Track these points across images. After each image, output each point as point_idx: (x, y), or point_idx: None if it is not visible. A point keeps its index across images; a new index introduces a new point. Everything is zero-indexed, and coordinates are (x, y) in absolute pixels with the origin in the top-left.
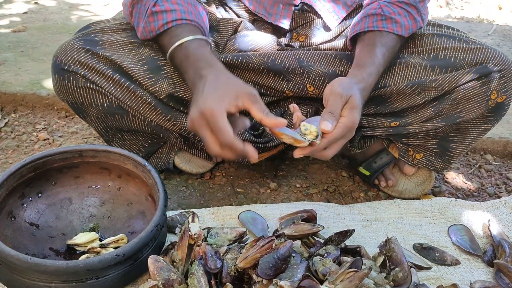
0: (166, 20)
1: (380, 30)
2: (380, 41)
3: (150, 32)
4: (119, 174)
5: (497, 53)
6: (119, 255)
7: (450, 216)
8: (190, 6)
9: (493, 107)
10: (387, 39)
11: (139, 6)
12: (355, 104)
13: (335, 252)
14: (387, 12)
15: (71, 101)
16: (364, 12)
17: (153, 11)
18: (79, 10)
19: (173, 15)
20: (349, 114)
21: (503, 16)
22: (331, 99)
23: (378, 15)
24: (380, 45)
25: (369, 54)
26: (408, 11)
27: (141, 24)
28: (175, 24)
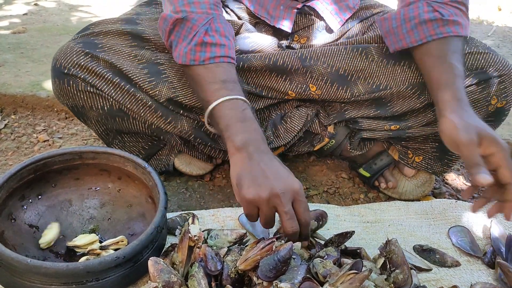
0: (215, 54)
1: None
2: (449, 48)
3: (192, 60)
4: (119, 176)
5: (498, 58)
6: (119, 257)
7: (451, 218)
8: (232, 39)
9: (492, 112)
10: (454, 43)
11: (183, 26)
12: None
13: (335, 254)
14: (446, 15)
15: (71, 104)
16: (415, 16)
17: (204, 42)
18: (79, 11)
19: (222, 51)
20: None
21: (503, 17)
22: (465, 151)
23: (438, 20)
24: (452, 52)
25: (446, 68)
26: (461, 10)
27: (181, 46)
28: (222, 61)
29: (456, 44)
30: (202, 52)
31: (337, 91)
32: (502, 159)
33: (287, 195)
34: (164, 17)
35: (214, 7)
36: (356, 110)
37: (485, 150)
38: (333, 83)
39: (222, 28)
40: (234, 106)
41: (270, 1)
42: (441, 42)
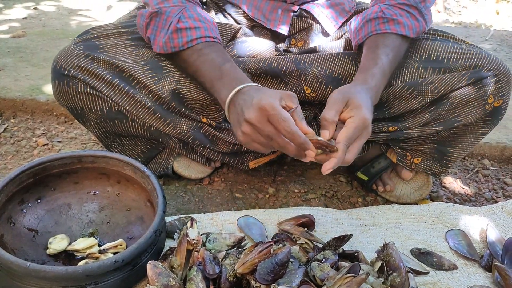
0: (191, 37)
1: (383, 33)
2: (383, 42)
3: (172, 47)
4: (118, 179)
5: (492, 58)
6: (118, 260)
7: (448, 221)
8: (209, 22)
9: (490, 111)
10: (390, 39)
11: (158, 19)
12: (358, 104)
13: (333, 257)
14: (389, 15)
15: (71, 106)
16: (365, 16)
17: (178, 28)
18: (78, 15)
19: (197, 33)
20: (356, 113)
21: (501, 21)
22: (327, 106)
23: (379, 18)
24: (383, 46)
25: (371, 56)
26: (409, 12)
27: (159, 37)
28: (200, 42)
29: (391, 41)
30: (179, 38)
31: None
32: (352, 122)
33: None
34: (141, 13)
35: (186, 0)
36: None
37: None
38: (327, 85)
39: (196, 14)
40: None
41: (267, 5)
42: (377, 36)
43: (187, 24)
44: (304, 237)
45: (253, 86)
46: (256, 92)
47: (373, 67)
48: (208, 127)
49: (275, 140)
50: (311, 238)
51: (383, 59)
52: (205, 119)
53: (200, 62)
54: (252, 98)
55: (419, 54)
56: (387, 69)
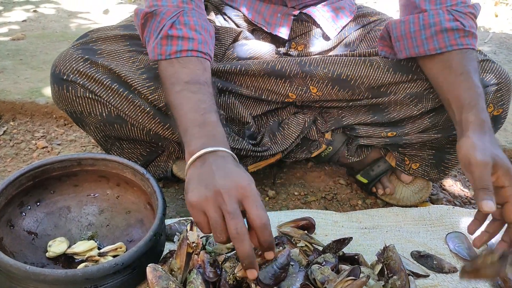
0: (181, 47)
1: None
2: (471, 65)
3: (159, 54)
4: (117, 182)
5: (495, 65)
6: (118, 263)
7: (448, 224)
8: (206, 33)
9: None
10: (473, 58)
11: (153, 21)
12: (507, 165)
13: (333, 260)
14: (467, 26)
15: (70, 110)
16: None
17: (169, 34)
18: (78, 18)
19: (189, 44)
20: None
21: (500, 24)
22: (476, 172)
23: (460, 30)
24: (474, 70)
25: (469, 86)
26: (476, 23)
27: (152, 41)
28: (190, 55)
29: (475, 59)
30: (168, 46)
31: (338, 92)
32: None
33: (232, 192)
34: (136, 12)
35: (189, 1)
36: (353, 117)
37: (497, 180)
38: (334, 86)
39: (193, 22)
40: (194, 109)
41: (267, 9)
42: (461, 55)
43: (180, 32)
44: (304, 240)
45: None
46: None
47: (479, 100)
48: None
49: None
50: (311, 241)
51: (480, 87)
52: None
53: (183, 98)
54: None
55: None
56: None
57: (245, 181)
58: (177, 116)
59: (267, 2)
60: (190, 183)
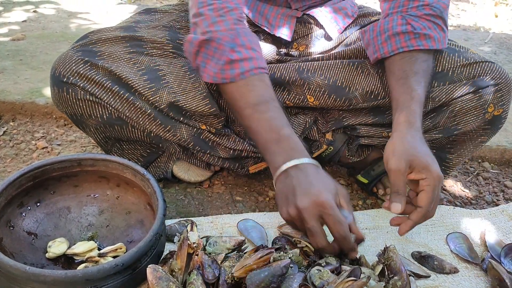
0: (244, 69)
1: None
2: (412, 69)
3: (223, 78)
4: (118, 183)
5: (494, 66)
6: (118, 264)
7: (449, 224)
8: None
9: (489, 120)
10: (418, 63)
11: (209, 46)
12: (424, 163)
13: (335, 263)
14: (419, 29)
15: (70, 113)
16: (389, 28)
17: (231, 60)
18: (78, 18)
19: (250, 64)
20: (428, 174)
21: (500, 24)
22: (392, 176)
23: (410, 33)
24: (413, 74)
25: (404, 89)
26: (436, 23)
27: (209, 66)
28: (253, 74)
29: (422, 62)
30: (231, 70)
31: (335, 101)
32: (428, 185)
33: (310, 210)
34: (190, 40)
35: (238, 22)
36: (354, 118)
37: (415, 175)
38: (330, 94)
39: (247, 41)
40: (268, 128)
41: (270, 10)
42: (404, 60)
43: (241, 55)
44: (304, 240)
45: (311, 165)
46: (314, 177)
47: (411, 103)
48: (208, 133)
49: (315, 236)
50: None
51: (418, 90)
52: (204, 126)
53: (256, 120)
54: (309, 184)
55: None
56: (423, 99)
57: (323, 196)
58: (255, 138)
59: (271, 4)
60: (278, 199)
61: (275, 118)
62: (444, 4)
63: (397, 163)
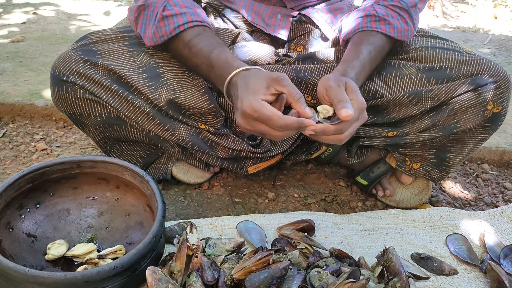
0: (178, 23)
1: (373, 30)
2: (368, 40)
3: (161, 36)
4: (117, 184)
5: (492, 64)
6: (117, 266)
7: (448, 226)
8: (196, 8)
9: (489, 117)
10: (375, 38)
11: (146, 12)
12: (354, 88)
13: (335, 265)
14: (381, 14)
15: (70, 111)
16: (357, 13)
17: (164, 16)
18: (77, 20)
19: (183, 18)
20: (354, 97)
21: (499, 26)
22: (332, 92)
23: (372, 16)
24: (367, 43)
25: (353, 50)
26: (400, 14)
27: (149, 30)
28: (187, 27)
29: (376, 40)
30: (166, 26)
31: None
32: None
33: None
34: (130, 8)
35: None
36: None
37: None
38: None
39: (181, 2)
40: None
41: (266, 10)
42: (364, 33)
43: (173, 11)
44: (304, 242)
45: (240, 75)
46: (242, 89)
47: (354, 60)
48: (207, 133)
49: (271, 133)
50: (311, 243)
51: (365, 54)
52: (203, 125)
53: (192, 56)
54: (237, 98)
55: (421, 64)
56: (367, 64)
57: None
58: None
59: (266, 3)
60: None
61: (204, 46)
62: (413, 1)
63: (337, 82)
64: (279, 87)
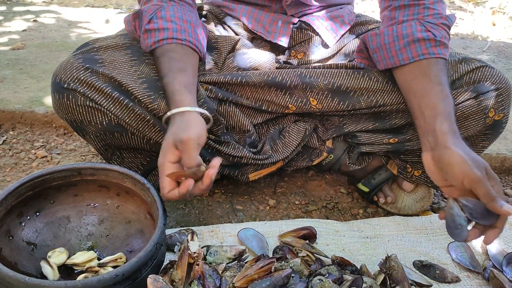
0: (157, 38)
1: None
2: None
3: (145, 47)
4: (118, 192)
5: (494, 71)
6: (118, 275)
7: None
8: (186, 23)
9: (490, 125)
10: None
11: (139, 20)
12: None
13: (337, 273)
14: (439, 37)
15: (71, 119)
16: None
17: (147, 29)
18: (78, 27)
19: (164, 34)
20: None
21: (497, 32)
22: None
23: (431, 40)
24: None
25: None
26: (448, 33)
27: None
28: (165, 43)
29: (446, 70)
30: (148, 39)
31: (338, 105)
32: (499, 191)
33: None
34: (125, 20)
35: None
36: (354, 124)
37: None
38: (334, 98)
39: (169, 15)
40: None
41: (267, 17)
42: (437, 65)
43: (156, 25)
44: (305, 249)
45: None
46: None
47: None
48: (208, 140)
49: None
50: (312, 250)
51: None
52: None
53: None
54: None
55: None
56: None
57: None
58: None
59: (267, 11)
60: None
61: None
62: (454, 17)
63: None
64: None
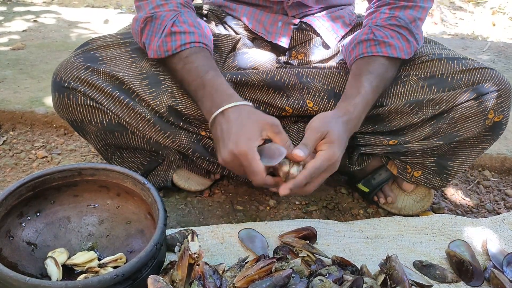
0: (185, 41)
1: (374, 55)
2: (367, 68)
3: (165, 51)
4: (118, 192)
5: (494, 73)
6: (118, 275)
7: (450, 233)
8: (203, 28)
9: (490, 126)
10: (376, 65)
11: (153, 24)
12: (332, 139)
13: (337, 273)
14: (379, 36)
15: (71, 118)
16: (356, 38)
17: (172, 31)
18: (78, 27)
19: (191, 37)
20: (328, 148)
21: (497, 33)
22: (307, 133)
23: (370, 40)
24: (367, 73)
25: (355, 84)
26: (400, 33)
27: (154, 42)
28: (193, 46)
29: (377, 66)
30: (172, 42)
31: (334, 107)
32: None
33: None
34: (136, 18)
35: (181, 6)
36: None
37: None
38: (330, 100)
39: (191, 20)
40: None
41: (268, 18)
42: (363, 61)
43: (182, 28)
44: (306, 249)
45: (234, 110)
46: (235, 124)
47: (356, 96)
48: (208, 140)
49: (249, 178)
50: (313, 251)
51: (366, 87)
52: (204, 132)
53: (185, 72)
54: (229, 134)
55: (423, 72)
56: (370, 97)
57: (238, 147)
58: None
59: (268, 11)
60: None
61: (202, 65)
62: (411, 16)
63: (320, 126)
64: (271, 134)
